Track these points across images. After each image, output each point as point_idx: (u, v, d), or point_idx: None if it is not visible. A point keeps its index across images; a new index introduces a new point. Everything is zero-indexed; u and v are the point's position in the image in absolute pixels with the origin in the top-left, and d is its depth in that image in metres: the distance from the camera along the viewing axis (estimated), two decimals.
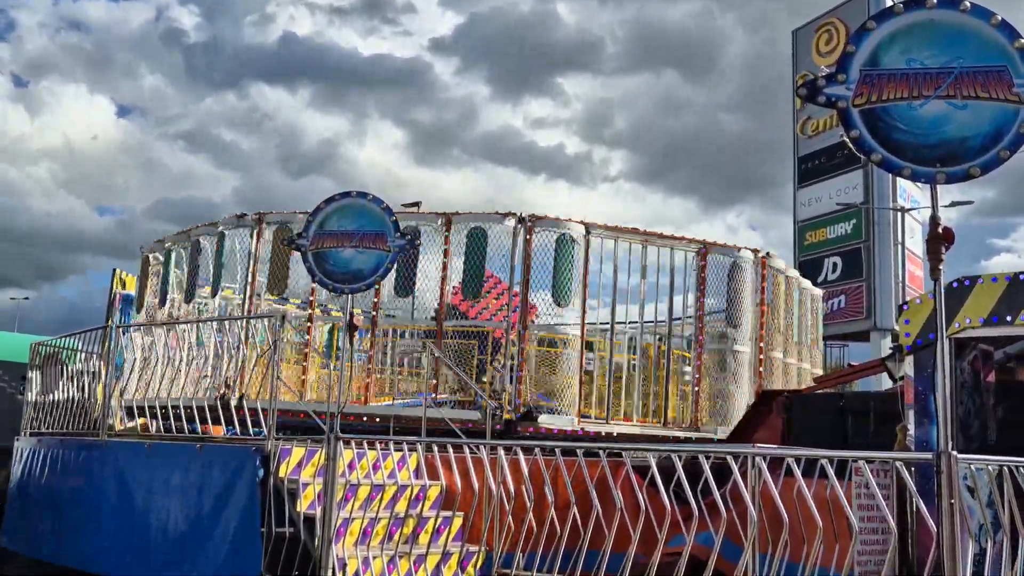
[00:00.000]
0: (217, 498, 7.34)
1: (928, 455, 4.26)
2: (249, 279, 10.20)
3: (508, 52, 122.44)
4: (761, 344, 10.81)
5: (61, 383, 10.20)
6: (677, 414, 10.52)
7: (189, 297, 10.88)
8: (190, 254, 10.99)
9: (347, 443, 6.80)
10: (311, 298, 10.00)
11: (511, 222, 9.66)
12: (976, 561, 5.13)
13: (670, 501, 5.32)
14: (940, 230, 4.05)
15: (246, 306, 10.15)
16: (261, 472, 7.03)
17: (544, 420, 9.21)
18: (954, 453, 4.08)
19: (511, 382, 9.31)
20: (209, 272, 10.78)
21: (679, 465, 5.24)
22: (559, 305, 9.58)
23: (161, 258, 11.59)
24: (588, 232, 9.83)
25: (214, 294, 10.65)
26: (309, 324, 10.04)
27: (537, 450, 6.01)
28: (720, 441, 9.82)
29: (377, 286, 8.12)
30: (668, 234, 10.35)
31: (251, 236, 10.30)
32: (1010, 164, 4.01)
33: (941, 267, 4.09)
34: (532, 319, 9.59)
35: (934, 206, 4.13)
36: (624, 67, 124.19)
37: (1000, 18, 3.97)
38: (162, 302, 11.19)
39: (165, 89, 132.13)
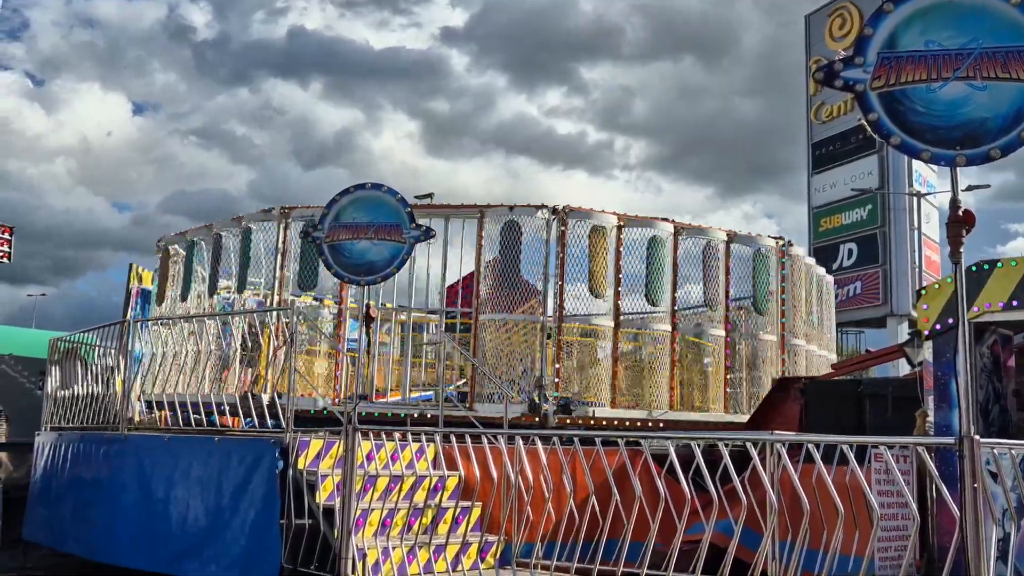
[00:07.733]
0: (236, 490, 7.37)
1: (950, 440, 4.24)
2: (277, 273, 10.17)
3: (524, 40, 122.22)
4: (783, 333, 10.80)
5: (80, 378, 10.26)
6: (702, 403, 10.50)
7: (212, 291, 10.88)
8: (213, 248, 11.00)
9: (365, 434, 6.81)
10: (342, 294, 9.94)
11: (544, 214, 9.60)
12: (1000, 546, 5.10)
13: (689, 489, 5.31)
14: (961, 213, 4.01)
15: (273, 301, 10.12)
16: (280, 464, 7.06)
17: (580, 413, 9.21)
18: (976, 437, 4.06)
19: (551, 374, 9.29)
20: (232, 266, 10.76)
21: (698, 452, 5.22)
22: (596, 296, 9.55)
23: (182, 251, 11.58)
24: (620, 223, 9.80)
25: (240, 290, 10.64)
26: (339, 320, 9.99)
27: (556, 440, 6.00)
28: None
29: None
30: (696, 224, 10.38)
31: (277, 230, 10.28)
32: None
33: (961, 250, 4.05)
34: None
35: (954, 189, 4.09)
36: (642, 54, 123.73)
37: None
38: (184, 296, 11.21)
39: (177, 85, 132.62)
